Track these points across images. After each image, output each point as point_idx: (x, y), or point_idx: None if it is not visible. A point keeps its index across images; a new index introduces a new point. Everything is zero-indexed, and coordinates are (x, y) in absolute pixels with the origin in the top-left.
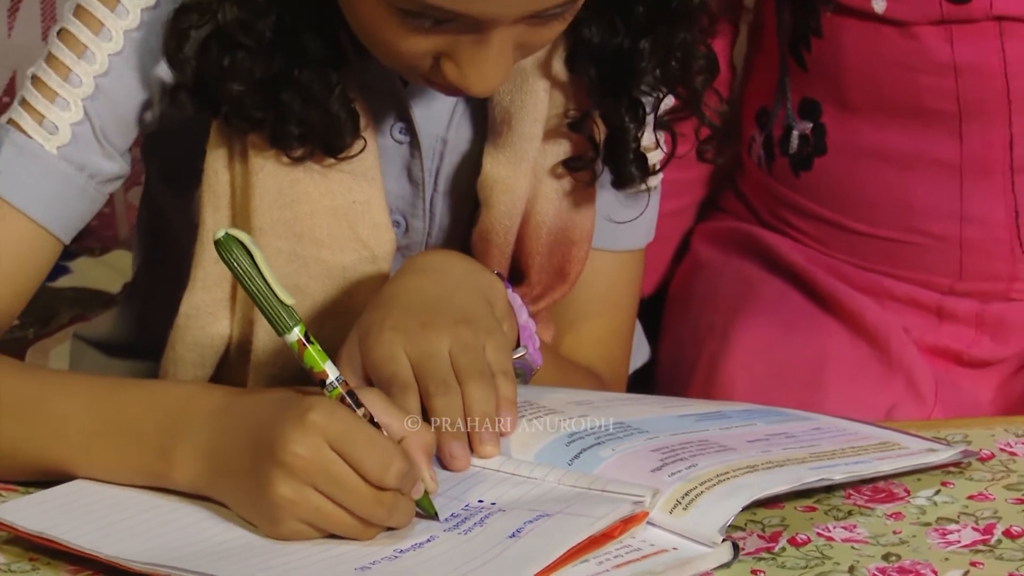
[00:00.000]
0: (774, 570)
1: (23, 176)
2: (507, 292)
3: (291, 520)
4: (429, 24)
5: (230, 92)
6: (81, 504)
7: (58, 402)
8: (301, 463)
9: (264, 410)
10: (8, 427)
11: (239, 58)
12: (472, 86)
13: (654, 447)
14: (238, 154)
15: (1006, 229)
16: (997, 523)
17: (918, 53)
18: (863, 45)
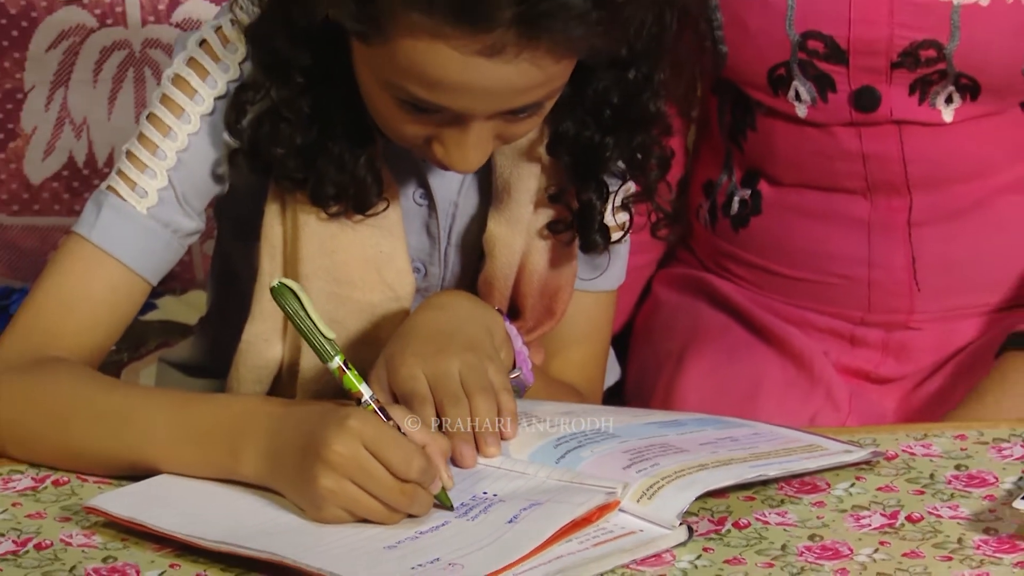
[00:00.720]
0: (721, 548)
1: (119, 231)
2: (505, 325)
3: (332, 506)
4: (420, 112)
5: (275, 156)
6: (163, 494)
7: (146, 412)
8: (341, 460)
9: (311, 418)
10: (105, 433)
11: (283, 128)
12: (455, 165)
13: (624, 449)
14: (288, 211)
15: (905, 272)
16: (900, 510)
17: (834, 146)
18: (789, 138)
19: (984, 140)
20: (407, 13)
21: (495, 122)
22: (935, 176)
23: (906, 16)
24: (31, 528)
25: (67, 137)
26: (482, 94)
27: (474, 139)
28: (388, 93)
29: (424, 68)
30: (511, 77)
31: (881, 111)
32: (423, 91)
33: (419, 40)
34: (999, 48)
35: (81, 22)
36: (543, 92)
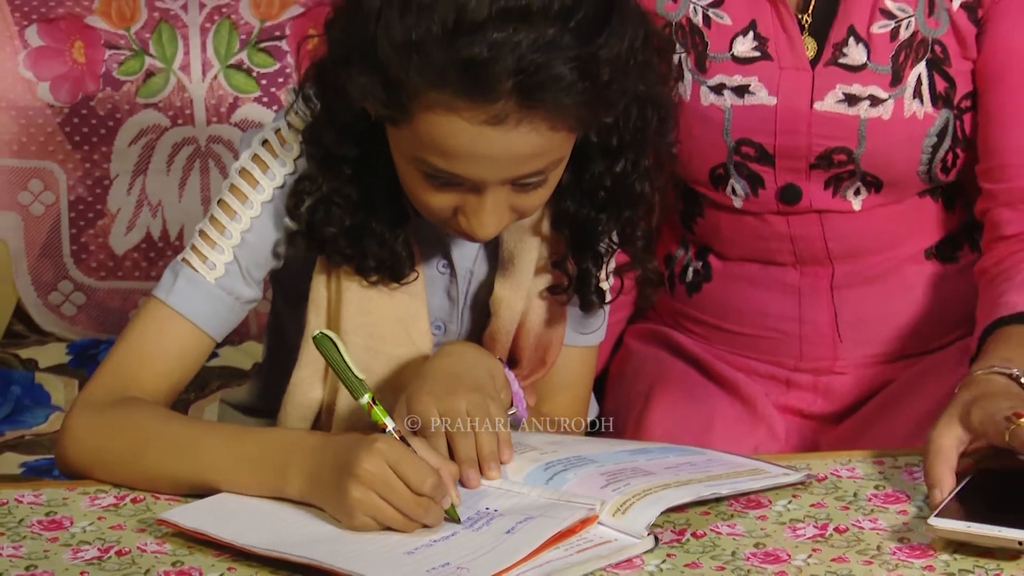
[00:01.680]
0: (681, 554)
1: (191, 297)
2: (505, 371)
3: (360, 514)
4: (443, 185)
5: (328, 236)
6: (223, 510)
7: (209, 442)
8: (368, 475)
9: (345, 444)
10: (174, 459)
11: (334, 212)
12: (475, 231)
13: (602, 472)
14: (333, 279)
15: (829, 327)
16: (829, 523)
17: (767, 229)
18: (730, 224)
19: (888, 222)
20: (426, 92)
21: (508, 192)
22: (851, 250)
23: (822, 128)
24: (113, 537)
25: (145, 216)
26: (491, 161)
27: (490, 207)
28: (415, 168)
29: (441, 140)
30: (515, 143)
31: (802, 203)
32: (442, 161)
33: (436, 115)
34: (897, 153)
35: (157, 122)
36: (544, 161)
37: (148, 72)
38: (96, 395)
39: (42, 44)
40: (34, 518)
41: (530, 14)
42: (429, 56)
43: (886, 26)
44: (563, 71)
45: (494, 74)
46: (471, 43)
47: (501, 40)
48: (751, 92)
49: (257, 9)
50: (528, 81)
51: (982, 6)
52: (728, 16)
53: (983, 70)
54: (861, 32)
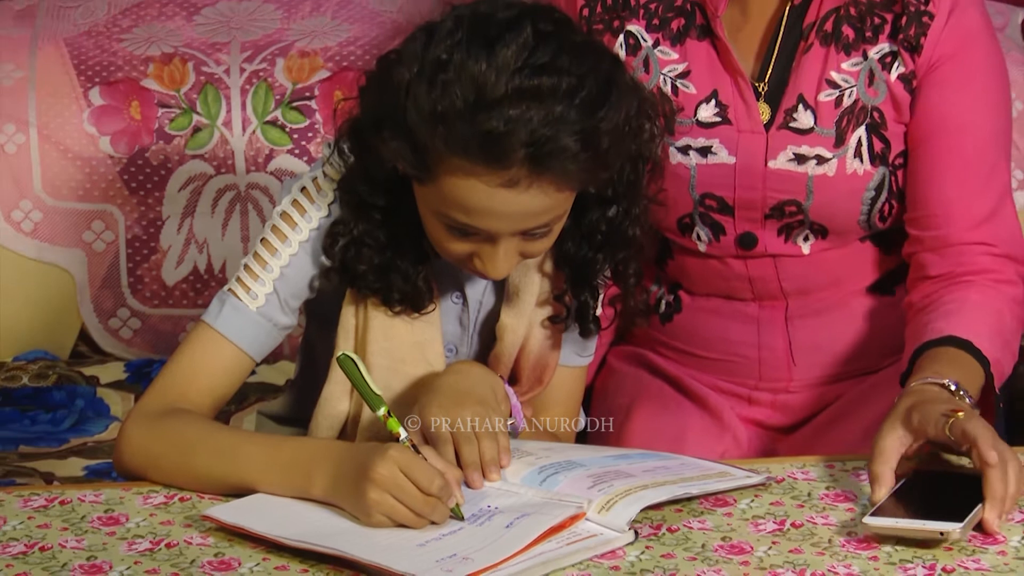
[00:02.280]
0: (658, 546)
1: (235, 322)
2: (505, 387)
3: (376, 513)
4: (463, 235)
5: (359, 272)
6: (258, 508)
7: (247, 449)
8: (382, 478)
9: (363, 452)
10: (217, 463)
11: (365, 252)
12: (489, 273)
13: (589, 474)
14: (360, 308)
15: (784, 353)
16: (787, 519)
17: (728, 270)
18: (696, 265)
19: (834, 264)
20: (450, 158)
21: (517, 241)
22: (802, 288)
23: (775, 183)
24: (163, 532)
25: (192, 252)
26: (505, 217)
27: (503, 254)
28: (439, 220)
29: (462, 199)
30: (525, 203)
31: (758, 248)
32: (463, 216)
33: (457, 177)
34: (841, 205)
35: (203, 171)
36: (550, 216)
37: (195, 128)
38: (149, 407)
39: (104, 103)
40: (95, 515)
41: (541, 93)
42: (452, 127)
43: (831, 95)
44: (569, 143)
45: (509, 145)
46: (489, 118)
47: (516, 116)
48: (713, 152)
49: (289, 73)
50: (538, 152)
51: (916, 77)
52: (693, 86)
53: (914, 132)
54: (809, 100)
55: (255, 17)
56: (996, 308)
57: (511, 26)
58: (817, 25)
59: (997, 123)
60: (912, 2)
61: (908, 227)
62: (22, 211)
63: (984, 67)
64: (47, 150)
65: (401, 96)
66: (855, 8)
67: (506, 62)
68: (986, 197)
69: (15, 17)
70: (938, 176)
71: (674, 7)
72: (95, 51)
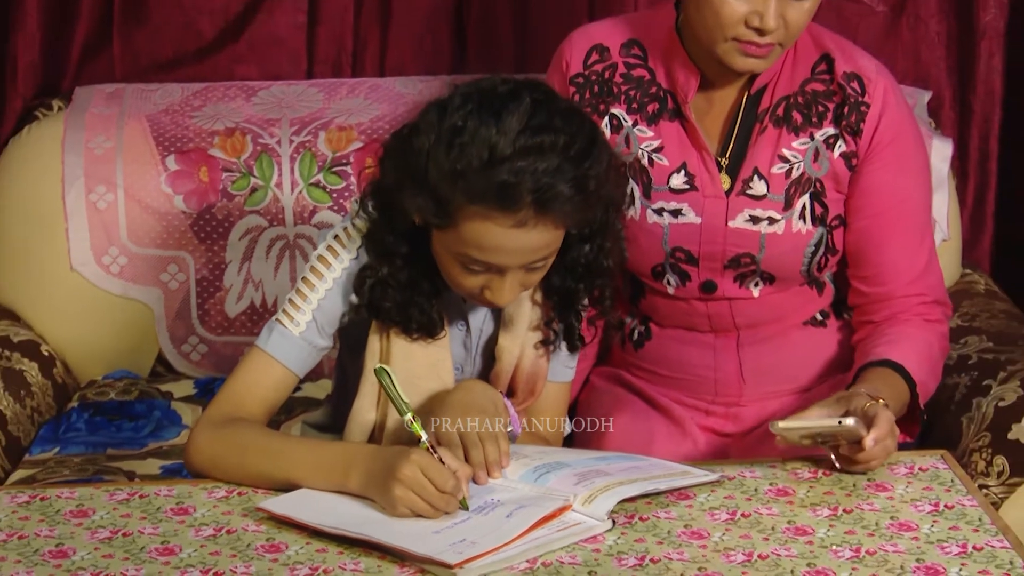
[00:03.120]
0: (631, 532)
1: (282, 345)
2: (504, 400)
3: (400, 506)
4: (477, 272)
5: (384, 307)
6: (302, 501)
7: (293, 451)
8: (406, 478)
9: (390, 454)
10: (268, 463)
11: (389, 291)
12: (498, 301)
13: (575, 473)
14: (385, 336)
15: (736, 374)
16: (737, 510)
17: (691, 309)
18: (665, 304)
19: (778, 304)
20: (468, 207)
21: (521, 273)
22: (751, 323)
23: (733, 239)
24: (224, 520)
25: (250, 290)
26: (514, 253)
27: (509, 284)
28: (456, 260)
29: (480, 239)
30: (532, 240)
31: (718, 293)
32: (479, 254)
33: (475, 222)
34: (787, 258)
35: (258, 224)
36: (549, 250)
37: (252, 188)
38: (213, 416)
39: (178, 168)
40: (168, 506)
41: (542, 149)
42: (470, 181)
43: (782, 168)
44: (565, 188)
45: (519, 193)
46: (502, 171)
47: (523, 168)
48: (683, 214)
49: (330, 144)
50: (542, 196)
51: (858, 156)
52: (666, 159)
53: (855, 201)
54: (763, 172)
55: (302, 99)
56: (927, 341)
57: (512, 97)
58: (770, 111)
59: (926, 195)
60: (851, 94)
61: (855, 282)
62: (111, 256)
63: (914, 150)
64: (131, 206)
65: (422, 159)
66: (802, 97)
67: (511, 126)
68: (920, 257)
69: (106, 98)
70: (884, 244)
71: (650, 94)
72: (171, 126)
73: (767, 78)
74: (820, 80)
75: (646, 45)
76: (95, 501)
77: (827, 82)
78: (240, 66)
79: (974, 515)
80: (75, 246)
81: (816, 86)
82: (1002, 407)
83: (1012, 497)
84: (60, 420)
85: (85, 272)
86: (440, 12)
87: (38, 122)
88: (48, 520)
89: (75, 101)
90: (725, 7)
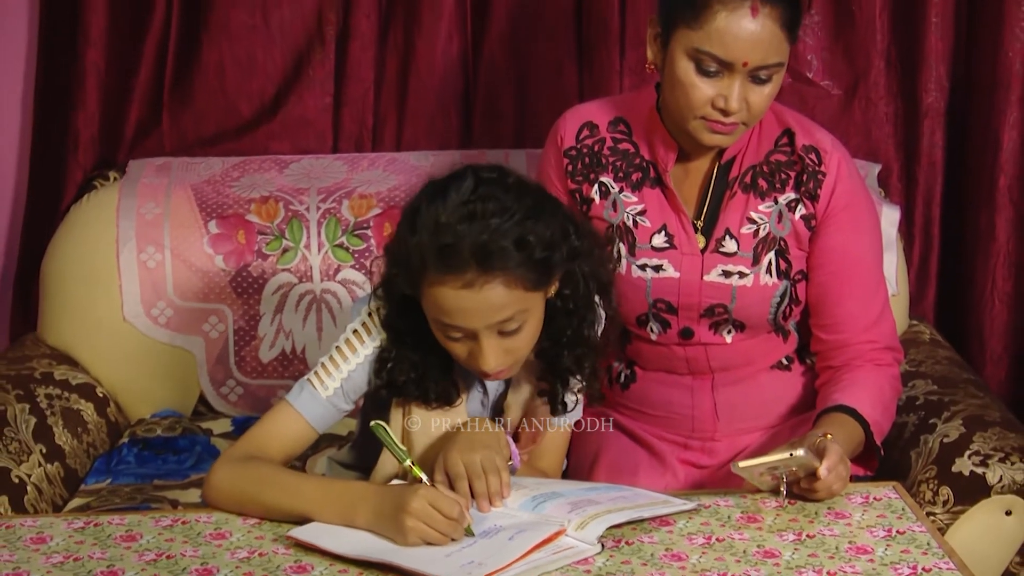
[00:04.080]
0: (618, 555)
1: (309, 404)
2: (507, 437)
3: (412, 537)
4: (455, 339)
5: (400, 383)
6: (326, 530)
7: (307, 488)
8: (416, 510)
9: (399, 492)
10: (283, 498)
11: (404, 367)
12: (483, 367)
13: (568, 502)
14: (405, 405)
15: (711, 413)
16: (712, 535)
17: (671, 353)
18: (648, 350)
19: (749, 349)
20: (425, 274)
21: (496, 337)
22: (725, 366)
23: (708, 292)
24: (256, 544)
25: (281, 339)
26: (474, 313)
27: (487, 349)
28: (437, 328)
29: (439, 302)
30: (484, 299)
31: (695, 339)
32: (445, 318)
33: (433, 288)
34: (755, 308)
35: (289, 280)
36: (512, 311)
37: (284, 249)
38: (234, 454)
39: (218, 232)
40: (207, 531)
41: (482, 213)
42: (423, 251)
43: (750, 228)
44: (506, 245)
45: (459, 254)
46: (444, 236)
47: (462, 231)
48: (663, 269)
49: (352, 210)
50: (483, 255)
51: (816, 219)
52: (649, 221)
53: (815, 259)
54: (734, 232)
55: (328, 170)
56: (878, 384)
57: (458, 177)
58: (739, 178)
59: (878, 254)
60: (809, 164)
61: (816, 330)
62: (158, 309)
63: (866, 215)
64: (177, 265)
65: (400, 242)
66: (767, 167)
67: (453, 200)
68: (873, 308)
69: (156, 170)
70: (842, 297)
71: (634, 164)
72: (213, 194)
73: (736, 150)
74: (782, 152)
75: (630, 122)
76: (143, 527)
77: (788, 153)
78: (274, 142)
79: (923, 540)
80: (127, 300)
81: (779, 157)
82: (947, 443)
83: (956, 523)
84: (112, 454)
85: (136, 323)
86: (449, 95)
87: (96, 191)
88: (100, 543)
89: (128, 172)
90: (694, 91)
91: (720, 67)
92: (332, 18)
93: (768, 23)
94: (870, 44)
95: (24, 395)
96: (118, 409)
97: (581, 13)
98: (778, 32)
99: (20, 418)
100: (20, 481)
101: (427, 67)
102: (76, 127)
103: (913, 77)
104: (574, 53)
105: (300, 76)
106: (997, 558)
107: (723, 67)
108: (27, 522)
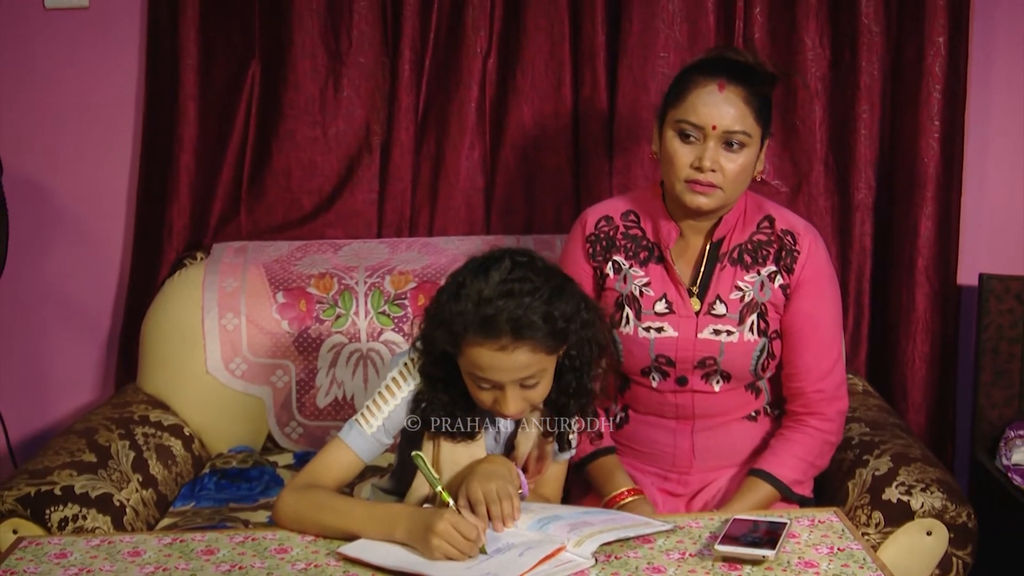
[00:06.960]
0: (608, 568)
1: (357, 439)
2: (517, 470)
3: (437, 553)
4: (484, 389)
5: (433, 422)
6: (370, 547)
7: (355, 511)
8: (441, 531)
9: (428, 515)
10: (336, 519)
11: (436, 407)
12: (506, 412)
13: (568, 523)
14: (437, 441)
15: (689, 451)
16: (686, 551)
17: (664, 399)
18: (646, 396)
19: (730, 399)
20: (467, 336)
21: (519, 389)
22: (707, 413)
23: (701, 348)
24: (313, 558)
25: (334, 388)
26: (505, 371)
27: (510, 398)
28: (470, 379)
29: (477, 361)
30: (516, 361)
31: (688, 387)
32: (481, 373)
33: (473, 348)
34: (740, 361)
35: (341, 341)
36: (533, 370)
37: (337, 315)
38: (297, 483)
39: (284, 302)
40: (272, 547)
41: (518, 292)
42: (466, 318)
43: (737, 295)
44: (535, 320)
45: (498, 324)
46: (486, 309)
47: (501, 306)
48: (664, 330)
49: (393, 284)
50: (516, 326)
51: (790, 288)
52: (652, 291)
53: (786, 320)
54: (724, 298)
55: (373, 252)
56: (806, 445)
57: (497, 259)
58: (728, 254)
59: (837, 316)
60: (787, 244)
61: (784, 380)
62: (235, 364)
63: (829, 285)
64: (251, 328)
65: (443, 307)
66: (751, 245)
67: (494, 278)
68: (827, 361)
69: (235, 252)
70: (803, 351)
71: (641, 246)
72: (280, 271)
73: (725, 231)
74: (764, 233)
75: (639, 213)
76: (219, 542)
77: (769, 234)
78: (329, 229)
79: (860, 556)
80: (210, 356)
81: (761, 237)
82: (878, 475)
83: (886, 542)
84: (196, 482)
85: (217, 375)
86: (473, 191)
87: (185, 269)
88: (185, 556)
89: (212, 254)
90: (677, 156)
91: (696, 132)
92: (377, 130)
93: (733, 97)
94: (811, 151)
95: (125, 434)
96: (201, 445)
97: (577, 128)
98: (742, 106)
99: (121, 453)
100: (120, 504)
101: (454, 169)
102: (171, 217)
103: (846, 178)
104: (572, 159)
105: (351, 176)
106: (919, 571)
107: (698, 131)
108: (125, 538)
